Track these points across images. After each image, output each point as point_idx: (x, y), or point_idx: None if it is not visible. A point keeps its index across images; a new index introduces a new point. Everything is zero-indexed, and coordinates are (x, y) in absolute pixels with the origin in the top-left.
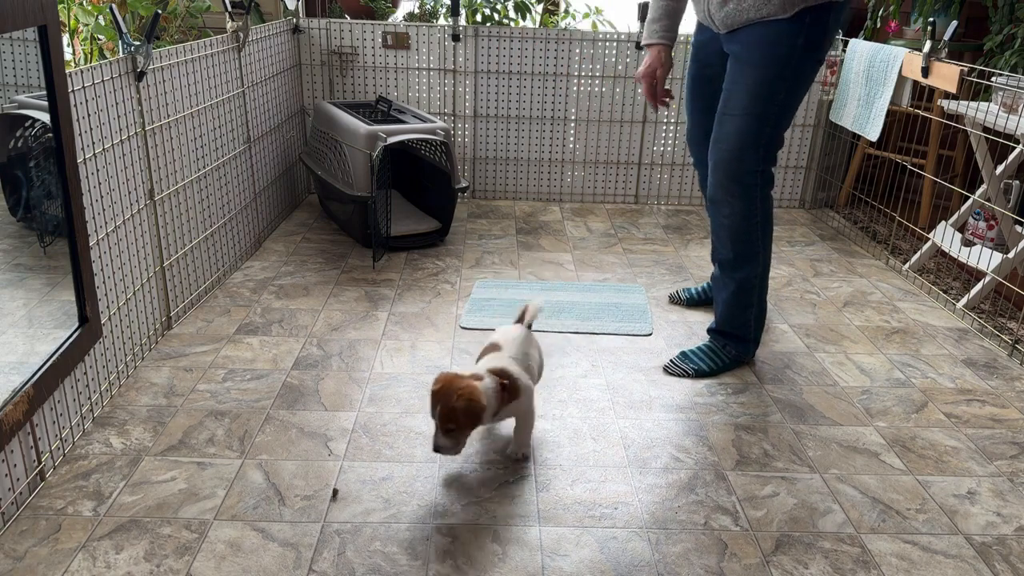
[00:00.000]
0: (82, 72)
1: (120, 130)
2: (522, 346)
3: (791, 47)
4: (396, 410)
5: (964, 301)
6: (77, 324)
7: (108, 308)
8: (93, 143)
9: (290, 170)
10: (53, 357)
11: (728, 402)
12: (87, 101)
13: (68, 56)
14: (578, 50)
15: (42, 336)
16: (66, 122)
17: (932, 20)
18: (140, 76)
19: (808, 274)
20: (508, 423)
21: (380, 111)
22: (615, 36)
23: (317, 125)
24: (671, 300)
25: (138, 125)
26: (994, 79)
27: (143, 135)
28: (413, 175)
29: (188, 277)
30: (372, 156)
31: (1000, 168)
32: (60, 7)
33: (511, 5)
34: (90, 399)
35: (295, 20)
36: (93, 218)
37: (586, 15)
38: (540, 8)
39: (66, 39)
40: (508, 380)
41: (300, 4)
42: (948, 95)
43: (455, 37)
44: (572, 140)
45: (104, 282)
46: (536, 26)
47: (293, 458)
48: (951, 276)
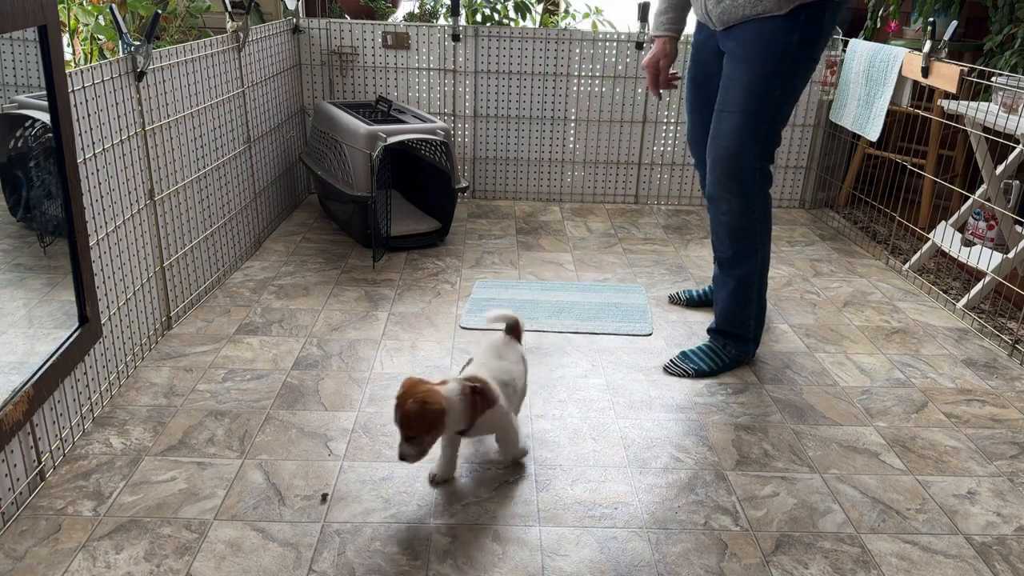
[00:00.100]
0: (82, 72)
1: (120, 130)
2: (502, 358)
3: (786, 44)
4: None
5: (964, 301)
6: (77, 324)
7: (108, 308)
8: (93, 143)
9: (290, 170)
10: (53, 357)
11: (728, 402)
12: (87, 101)
13: (68, 56)
14: (578, 50)
15: (42, 336)
16: (66, 122)
17: (932, 20)
18: (140, 76)
19: (808, 274)
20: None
21: (380, 111)
22: (615, 36)
23: (317, 125)
24: (671, 301)
25: (138, 125)
26: (994, 79)
27: (143, 135)
28: (413, 175)
29: (188, 277)
30: (372, 156)
31: (1000, 168)
32: (60, 7)
33: (511, 5)
34: (90, 399)
35: (295, 20)
36: (93, 218)
37: (586, 15)
38: (540, 8)
39: (66, 39)
40: (483, 387)
41: (300, 4)
42: (948, 95)
43: (455, 37)
44: (572, 140)
45: (104, 282)
46: (536, 26)
47: (293, 458)
48: (951, 276)
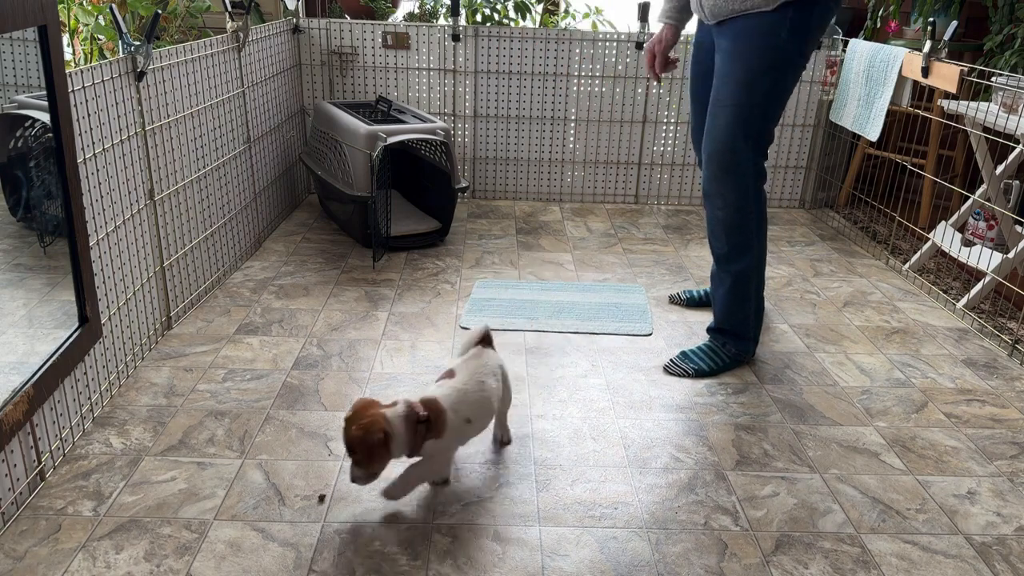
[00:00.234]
0: (82, 72)
1: (120, 130)
2: (476, 373)
3: (775, 38)
4: None
5: (964, 301)
6: (77, 324)
7: (108, 308)
8: (93, 143)
9: (290, 170)
10: (53, 357)
11: (728, 402)
12: (87, 101)
13: (68, 56)
14: (578, 50)
15: (42, 336)
16: (66, 122)
17: (932, 20)
18: (140, 76)
19: (808, 274)
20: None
21: (380, 111)
22: (615, 36)
23: (317, 125)
24: (671, 301)
25: (138, 125)
26: (994, 79)
27: (143, 135)
28: (413, 175)
29: (188, 277)
30: (372, 156)
31: (1000, 168)
32: (60, 7)
33: (511, 5)
34: (90, 399)
35: (295, 20)
36: (93, 218)
37: (586, 15)
38: (540, 8)
39: (66, 39)
40: (432, 414)
41: (300, 4)
42: (948, 95)
43: (455, 37)
44: (572, 140)
45: (104, 282)
46: (536, 26)
47: (293, 458)
48: (951, 276)
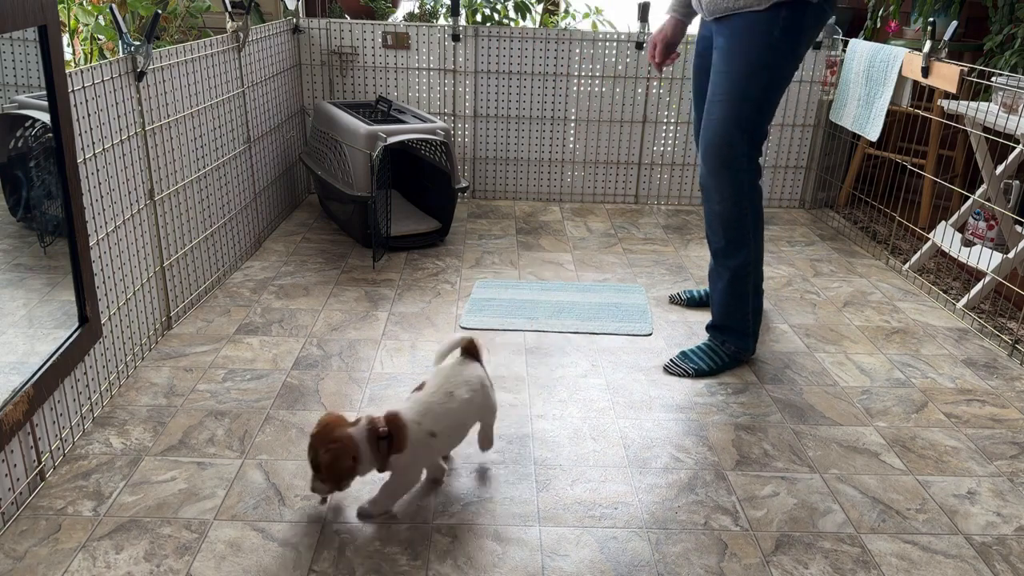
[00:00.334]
0: (82, 72)
1: (120, 130)
2: (445, 384)
3: (768, 36)
4: None
5: (964, 301)
6: (77, 324)
7: (108, 308)
8: (93, 143)
9: (290, 170)
10: (53, 357)
11: (728, 402)
12: (87, 101)
13: (68, 56)
14: (578, 50)
15: (42, 336)
16: (66, 122)
17: (932, 20)
18: (140, 76)
19: (808, 274)
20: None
21: (380, 111)
22: (615, 36)
23: (317, 125)
24: (671, 301)
25: (138, 125)
26: (994, 79)
27: (143, 135)
28: (413, 175)
29: (188, 277)
30: (372, 156)
31: (1000, 168)
32: (60, 7)
33: (511, 5)
34: (90, 399)
35: (295, 20)
36: (93, 218)
37: (586, 15)
38: (540, 8)
39: (66, 39)
40: (393, 429)
41: (300, 4)
42: (948, 95)
43: (455, 37)
44: (572, 140)
45: (104, 282)
46: (536, 26)
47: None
48: (951, 276)
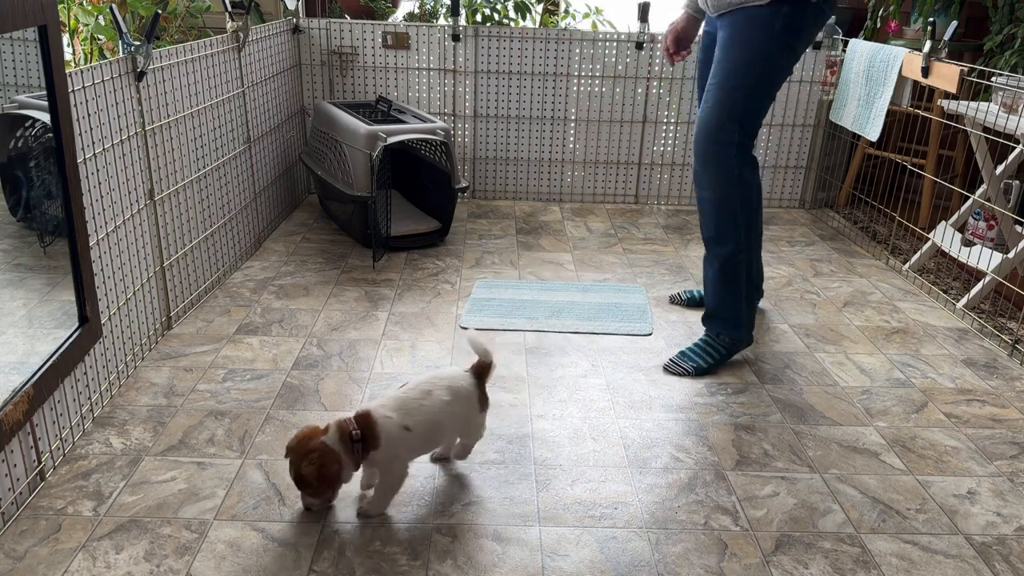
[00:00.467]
0: (82, 72)
1: (120, 130)
2: (425, 383)
3: (768, 30)
4: None
5: (964, 301)
6: (77, 324)
7: (108, 308)
8: (93, 143)
9: (290, 170)
10: (53, 357)
11: (728, 402)
12: (87, 101)
13: (68, 56)
14: (578, 50)
15: (42, 336)
16: (66, 122)
17: (932, 20)
18: (140, 76)
19: (808, 274)
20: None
21: (380, 111)
22: (615, 36)
23: (317, 125)
24: (671, 301)
25: (138, 125)
26: (994, 79)
27: (143, 135)
28: (413, 175)
29: (188, 277)
30: (372, 156)
31: (1000, 168)
32: (60, 7)
33: (511, 5)
34: (90, 399)
35: (295, 20)
36: (93, 218)
37: (586, 15)
38: (540, 8)
39: (66, 39)
40: (364, 429)
41: (300, 4)
42: (948, 95)
43: (455, 37)
44: (572, 140)
45: (104, 282)
46: (536, 26)
47: None
48: (951, 276)
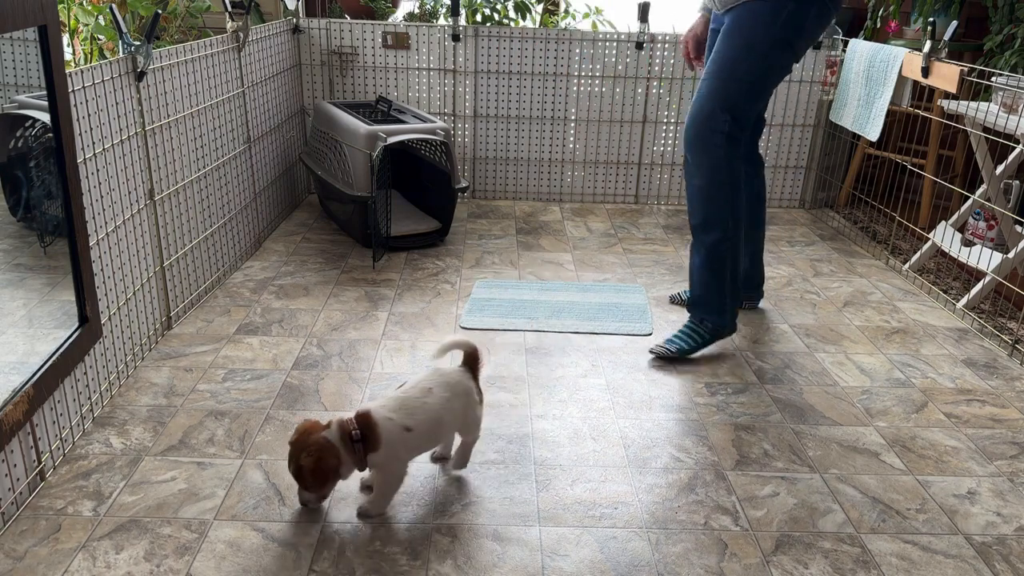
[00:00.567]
0: (82, 72)
1: (120, 130)
2: (424, 382)
3: (769, 25)
4: None
5: (964, 301)
6: (77, 324)
7: (108, 308)
8: (93, 143)
9: (290, 170)
10: (53, 357)
11: (728, 402)
12: (87, 101)
13: (68, 56)
14: (578, 50)
15: (42, 336)
16: (66, 122)
17: (932, 20)
18: (140, 76)
19: (808, 274)
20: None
21: (380, 111)
22: (615, 36)
23: (317, 125)
24: (671, 301)
25: (138, 125)
26: (994, 79)
27: (143, 135)
28: (413, 175)
29: (188, 277)
30: (372, 156)
31: (1000, 168)
32: (60, 7)
33: (511, 5)
34: (90, 399)
35: (295, 20)
36: (93, 218)
37: (586, 15)
38: (540, 8)
39: (66, 39)
40: (365, 430)
41: (300, 4)
42: (948, 95)
43: (455, 37)
44: (572, 140)
45: (104, 282)
46: (536, 26)
47: None
48: (951, 276)
